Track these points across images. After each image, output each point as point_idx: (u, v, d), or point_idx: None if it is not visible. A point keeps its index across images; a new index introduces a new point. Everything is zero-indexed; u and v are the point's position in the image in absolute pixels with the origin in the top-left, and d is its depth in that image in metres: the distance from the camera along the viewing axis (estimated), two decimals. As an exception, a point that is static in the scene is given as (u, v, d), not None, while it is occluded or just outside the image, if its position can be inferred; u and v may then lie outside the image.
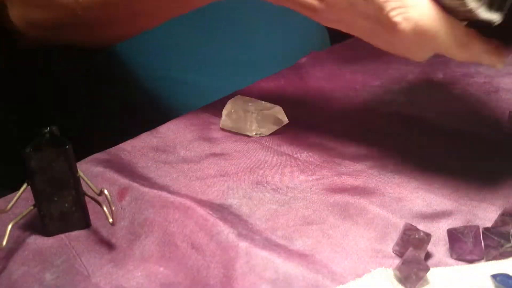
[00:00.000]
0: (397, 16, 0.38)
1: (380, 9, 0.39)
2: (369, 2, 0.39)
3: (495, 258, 0.40)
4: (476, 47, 0.40)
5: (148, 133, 0.60)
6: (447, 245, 0.42)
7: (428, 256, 0.41)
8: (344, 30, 0.45)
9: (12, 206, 0.44)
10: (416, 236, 0.41)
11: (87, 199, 0.47)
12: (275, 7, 0.76)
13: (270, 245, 0.42)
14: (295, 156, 0.55)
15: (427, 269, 0.38)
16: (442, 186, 0.49)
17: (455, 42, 0.39)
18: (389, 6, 0.38)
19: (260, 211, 0.47)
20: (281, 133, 0.59)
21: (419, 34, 0.38)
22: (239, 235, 0.43)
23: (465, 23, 0.39)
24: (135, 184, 0.50)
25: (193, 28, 0.75)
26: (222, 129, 0.60)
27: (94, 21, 0.64)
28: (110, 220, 0.43)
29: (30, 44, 0.71)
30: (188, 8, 0.61)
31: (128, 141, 0.59)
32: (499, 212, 0.43)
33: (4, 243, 0.42)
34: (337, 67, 0.73)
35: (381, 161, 0.53)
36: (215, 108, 0.64)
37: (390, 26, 0.39)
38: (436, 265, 0.40)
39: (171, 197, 0.47)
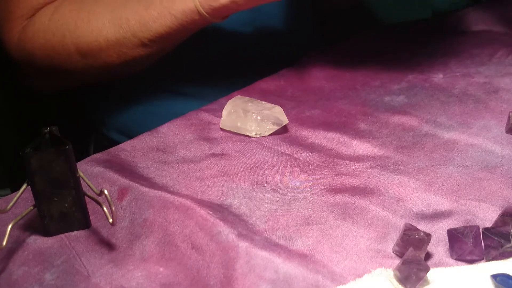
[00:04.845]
0: None
1: None
2: None
3: (495, 258, 0.40)
4: None
5: (148, 133, 0.60)
6: (447, 245, 0.42)
7: (428, 256, 0.41)
8: None
9: (12, 206, 0.44)
10: (416, 236, 0.41)
11: (87, 199, 0.47)
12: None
13: (270, 245, 0.42)
14: (295, 156, 0.55)
15: (427, 269, 0.38)
16: (442, 186, 0.49)
17: None
18: None
19: (260, 211, 0.47)
20: (281, 133, 0.59)
21: None
22: (239, 235, 0.43)
23: None
24: (135, 184, 0.50)
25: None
26: (222, 129, 0.60)
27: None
28: (110, 220, 0.43)
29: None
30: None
31: (128, 141, 0.59)
32: (499, 212, 0.43)
33: (4, 243, 0.42)
34: (337, 67, 0.73)
35: (381, 161, 0.53)
36: (215, 108, 0.64)
37: None
38: (436, 265, 0.40)
39: (171, 197, 0.47)
